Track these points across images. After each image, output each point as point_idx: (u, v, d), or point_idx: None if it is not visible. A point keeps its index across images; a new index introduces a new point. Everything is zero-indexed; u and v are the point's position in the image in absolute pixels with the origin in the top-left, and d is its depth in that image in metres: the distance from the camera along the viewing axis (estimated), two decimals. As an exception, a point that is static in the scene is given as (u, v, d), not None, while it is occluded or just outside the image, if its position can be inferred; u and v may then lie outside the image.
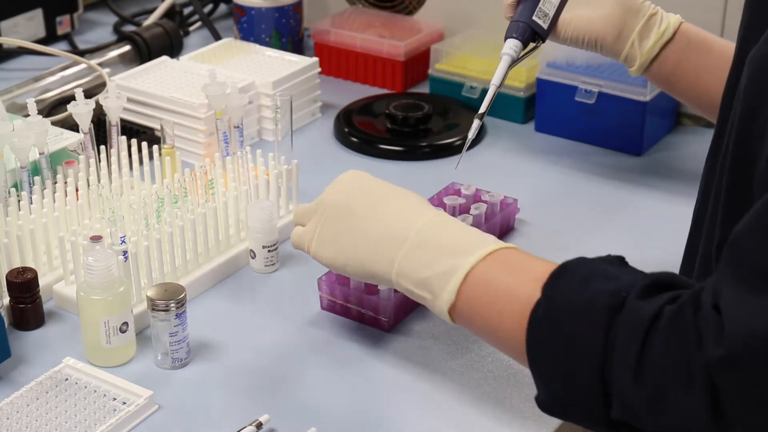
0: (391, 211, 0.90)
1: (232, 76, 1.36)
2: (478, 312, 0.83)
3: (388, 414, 0.93)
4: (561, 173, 1.34)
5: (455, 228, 0.88)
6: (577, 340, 0.75)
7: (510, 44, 1.09)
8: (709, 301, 0.70)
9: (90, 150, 1.18)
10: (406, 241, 0.88)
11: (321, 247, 0.94)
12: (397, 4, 1.67)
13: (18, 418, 0.91)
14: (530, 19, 1.09)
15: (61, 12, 1.71)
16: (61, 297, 1.06)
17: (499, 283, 0.82)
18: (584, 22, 1.11)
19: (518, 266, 0.83)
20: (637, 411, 0.72)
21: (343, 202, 0.93)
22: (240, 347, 1.02)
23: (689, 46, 1.10)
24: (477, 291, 0.83)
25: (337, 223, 0.93)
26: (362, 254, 0.90)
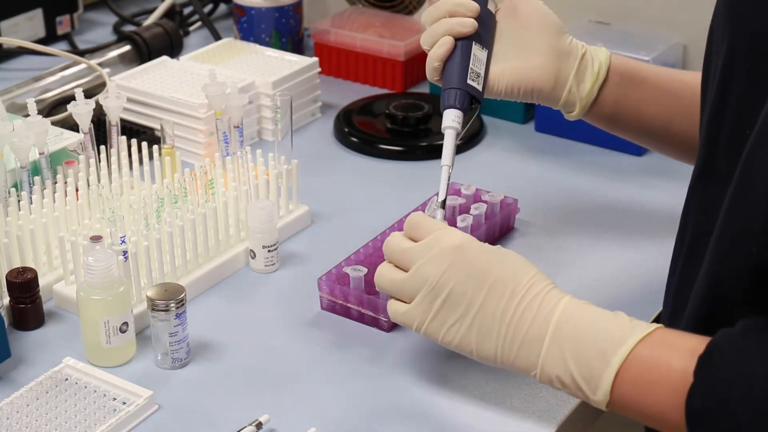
0: (515, 302, 0.85)
1: (232, 76, 1.36)
2: (633, 404, 0.82)
3: (388, 414, 0.93)
4: (561, 173, 1.34)
5: (590, 318, 0.84)
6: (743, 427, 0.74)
7: (451, 115, 1.00)
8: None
9: (90, 150, 1.18)
10: (545, 342, 0.84)
11: (438, 332, 0.88)
12: (397, 4, 1.67)
13: (18, 418, 0.91)
14: (465, 84, 1.00)
15: (61, 12, 1.71)
16: (61, 297, 1.06)
17: (650, 374, 0.80)
18: (517, 73, 1.03)
19: (663, 355, 0.81)
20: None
21: (462, 291, 0.86)
22: (240, 347, 1.02)
23: (623, 82, 1.06)
24: (628, 388, 0.81)
25: (457, 314, 0.87)
26: (494, 349, 0.86)
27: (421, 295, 0.87)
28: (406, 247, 0.89)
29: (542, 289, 0.86)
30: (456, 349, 0.88)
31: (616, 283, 1.12)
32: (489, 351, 0.86)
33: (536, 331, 0.84)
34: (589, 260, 1.16)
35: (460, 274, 0.87)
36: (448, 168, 0.98)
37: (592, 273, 1.13)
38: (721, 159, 0.85)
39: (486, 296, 0.86)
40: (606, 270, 1.14)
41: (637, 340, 0.81)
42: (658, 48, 1.40)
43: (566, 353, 0.83)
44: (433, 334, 0.88)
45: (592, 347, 0.82)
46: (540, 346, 0.84)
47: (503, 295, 0.86)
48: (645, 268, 1.14)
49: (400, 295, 0.90)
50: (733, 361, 0.76)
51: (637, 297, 1.09)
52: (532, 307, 0.85)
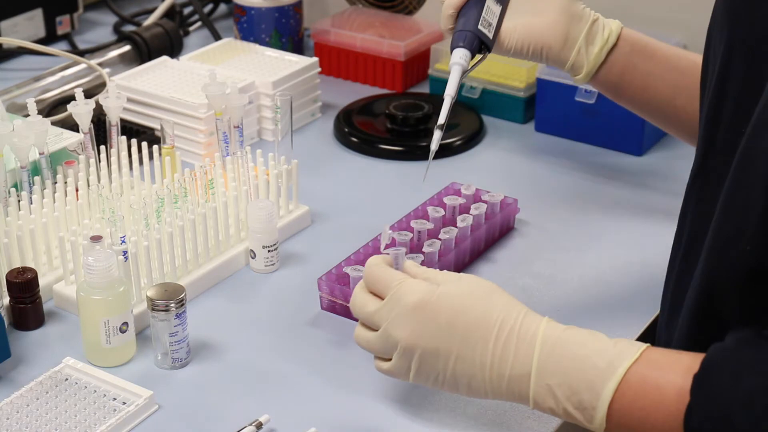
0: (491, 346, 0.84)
1: (232, 76, 1.36)
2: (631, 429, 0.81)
3: (387, 414, 0.93)
4: (561, 173, 1.34)
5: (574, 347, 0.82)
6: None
7: (459, 54, 1.04)
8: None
9: (90, 150, 1.18)
10: (531, 377, 0.82)
11: (426, 382, 0.87)
12: (397, 4, 1.67)
13: (18, 418, 0.91)
14: (476, 28, 1.04)
15: (61, 12, 1.71)
16: (61, 297, 1.06)
17: (645, 401, 0.79)
18: (528, 30, 1.07)
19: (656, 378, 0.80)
20: None
21: (427, 346, 0.85)
22: (240, 347, 1.02)
23: (633, 52, 1.08)
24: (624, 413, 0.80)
25: (431, 366, 0.85)
26: (487, 392, 0.85)
27: (396, 355, 0.86)
28: (370, 311, 0.87)
29: (515, 322, 0.84)
30: (450, 391, 0.87)
31: (616, 283, 1.12)
32: (479, 393, 0.85)
33: (520, 370, 0.83)
34: (589, 260, 1.16)
35: (427, 332, 0.85)
36: (450, 98, 1.02)
37: (591, 273, 1.13)
38: (717, 159, 0.85)
39: (460, 347, 0.84)
40: (606, 270, 1.14)
41: (626, 367, 0.80)
42: (658, 48, 1.40)
43: (555, 389, 0.82)
44: (423, 383, 0.87)
45: (580, 380, 0.81)
46: (528, 383, 0.83)
47: (477, 342, 0.84)
48: (644, 267, 1.14)
49: (379, 354, 0.89)
50: (729, 377, 0.76)
51: (637, 297, 1.09)
52: (509, 345, 0.83)
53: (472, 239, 1.14)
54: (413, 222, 1.13)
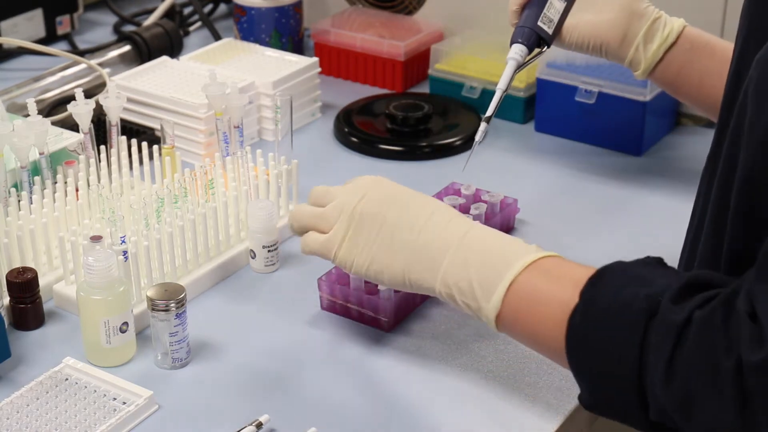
0: (432, 221, 0.90)
1: (232, 76, 1.36)
2: (521, 319, 0.84)
3: (387, 414, 0.93)
4: (561, 173, 1.34)
5: (498, 238, 0.89)
6: (614, 346, 0.76)
7: (516, 49, 1.11)
8: (743, 308, 0.70)
9: (90, 150, 1.18)
10: (450, 251, 0.88)
11: (352, 255, 0.93)
12: (397, 4, 1.67)
13: (18, 418, 0.91)
14: (535, 24, 1.11)
15: (61, 12, 1.71)
16: (61, 297, 1.06)
17: (541, 290, 0.83)
18: (589, 27, 1.12)
19: (559, 273, 0.84)
20: (670, 415, 0.74)
21: (376, 211, 0.92)
22: (240, 347, 1.02)
23: (693, 50, 1.11)
24: (520, 299, 0.84)
25: (371, 233, 0.92)
26: (402, 264, 0.90)
27: (339, 222, 0.93)
28: (330, 188, 0.96)
29: (453, 213, 0.91)
30: (368, 273, 0.92)
31: (616, 283, 1.12)
32: (398, 267, 0.90)
33: (443, 243, 0.88)
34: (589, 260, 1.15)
35: (375, 198, 0.93)
36: (501, 91, 1.10)
37: (592, 273, 1.13)
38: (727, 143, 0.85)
39: (398, 213, 0.91)
40: (606, 270, 1.14)
41: (541, 255, 0.85)
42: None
43: (469, 261, 0.87)
44: (346, 258, 0.93)
45: (495, 258, 0.86)
46: (445, 255, 0.88)
47: (413, 211, 0.91)
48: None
49: (318, 226, 0.95)
50: (618, 282, 0.78)
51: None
52: (441, 223, 0.90)
53: (472, 239, 1.14)
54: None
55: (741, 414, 0.69)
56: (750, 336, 0.69)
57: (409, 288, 0.91)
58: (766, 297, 0.70)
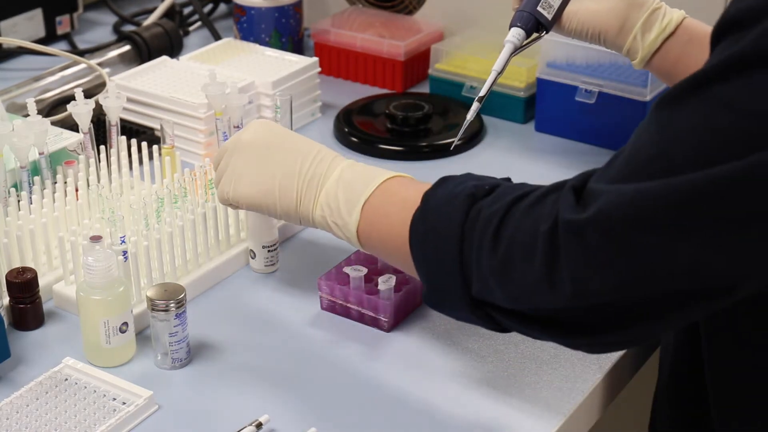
0: (314, 154, 0.97)
1: (232, 76, 1.36)
2: (377, 231, 0.92)
3: (387, 414, 0.93)
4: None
5: (366, 167, 0.97)
6: (440, 227, 0.84)
7: (513, 32, 1.12)
8: (571, 184, 0.79)
9: (90, 150, 1.18)
10: (328, 179, 0.96)
11: (242, 188, 0.99)
12: (397, 4, 1.67)
13: (18, 418, 0.91)
14: (535, 9, 1.12)
15: (61, 12, 1.71)
16: (61, 297, 1.06)
17: (394, 200, 0.92)
18: (588, 14, 1.13)
19: (410, 185, 0.92)
20: (489, 282, 0.80)
21: (260, 140, 0.99)
22: (240, 347, 1.02)
23: (691, 41, 1.11)
24: (376, 210, 0.92)
25: (256, 163, 0.98)
26: (287, 195, 0.97)
27: (232, 154, 1.00)
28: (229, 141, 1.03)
29: (334, 153, 0.99)
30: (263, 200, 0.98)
31: (616, 283, 1.12)
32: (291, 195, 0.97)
33: (326, 172, 0.96)
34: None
35: (265, 133, 1.00)
36: (496, 72, 1.12)
37: (592, 273, 1.13)
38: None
39: (289, 146, 0.98)
40: (606, 270, 1.14)
41: (398, 174, 0.94)
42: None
43: (340, 185, 0.95)
44: (241, 188, 0.99)
45: (360, 178, 0.95)
46: (326, 182, 0.96)
47: (303, 146, 0.98)
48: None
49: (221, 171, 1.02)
50: (455, 182, 0.87)
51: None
52: (326, 158, 0.98)
53: (472, 239, 1.14)
54: (413, 222, 1.13)
55: (547, 271, 0.76)
56: (571, 203, 0.76)
57: (285, 216, 0.98)
58: (598, 174, 0.78)
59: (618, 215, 0.73)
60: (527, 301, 0.79)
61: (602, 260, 0.74)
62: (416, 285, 1.05)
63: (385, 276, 1.03)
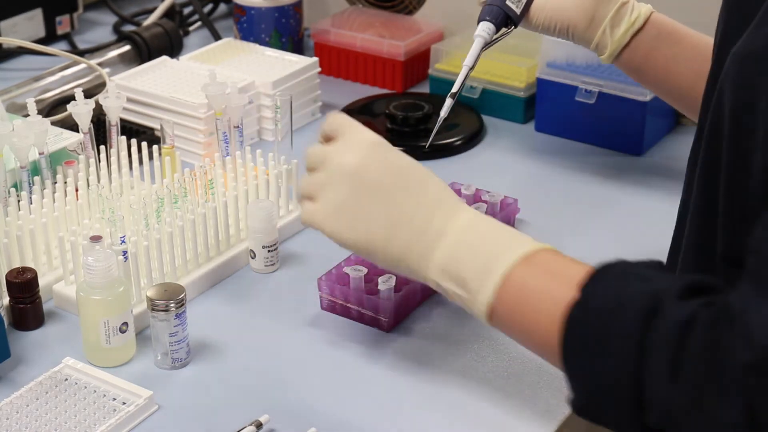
0: (429, 199, 0.85)
1: (232, 76, 1.36)
2: (514, 313, 0.81)
3: (387, 414, 0.93)
4: (561, 173, 1.34)
5: (495, 227, 0.84)
6: (612, 342, 0.73)
7: (483, 27, 1.11)
8: (738, 306, 0.69)
9: (90, 150, 1.18)
10: (446, 235, 0.83)
11: (341, 226, 0.86)
12: (397, 4, 1.67)
13: (18, 418, 0.91)
14: (504, 3, 1.11)
15: (61, 12, 1.71)
16: (61, 297, 1.06)
17: (537, 284, 0.80)
18: (556, 8, 1.12)
19: (556, 268, 0.81)
20: (673, 415, 0.71)
21: (370, 177, 0.85)
22: (240, 347, 1.02)
23: (660, 36, 1.11)
24: (514, 292, 0.80)
25: (362, 201, 0.85)
26: (394, 244, 0.84)
27: (333, 185, 0.85)
28: (325, 149, 0.88)
29: (455, 197, 0.86)
30: (363, 248, 0.85)
31: (616, 283, 1.12)
32: (398, 247, 0.84)
33: (443, 228, 0.83)
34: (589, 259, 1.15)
35: (377, 165, 0.85)
36: (467, 67, 1.10)
37: (592, 273, 1.13)
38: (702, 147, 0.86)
39: (404, 190, 0.85)
40: (606, 270, 1.14)
41: (538, 248, 0.81)
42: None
43: (464, 250, 0.82)
44: (340, 231, 0.86)
45: (491, 247, 0.81)
46: (443, 241, 0.83)
47: (419, 191, 0.85)
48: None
49: (316, 193, 0.87)
50: (619, 279, 0.75)
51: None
52: (445, 208, 0.84)
53: (472, 239, 1.13)
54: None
55: (747, 413, 0.67)
56: (743, 338, 0.68)
57: (396, 269, 0.87)
58: (756, 302, 0.69)
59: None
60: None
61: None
62: (416, 285, 1.05)
63: (385, 276, 1.03)
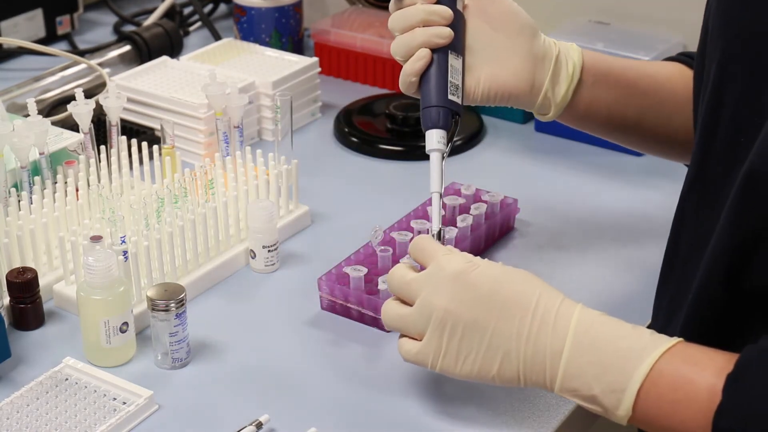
0: (529, 317, 0.83)
1: (232, 76, 1.36)
2: (656, 422, 0.79)
3: (387, 414, 0.93)
4: (561, 173, 1.34)
5: (609, 330, 0.82)
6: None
7: (435, 137, 0.96)
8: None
9: (90, 150, 1.18)
10: (561, 355, 0.81)
11: (449, 364, 0.85)
12: (397, 4, 1.67)
13: (18, 418, 0.91)
14: (446, 100, 0.96)
15: (61, 12, 1.71)
16: (61, 297, 1.06)
17: (675, 394, 0.78)
18: (492, 81, 0.99)
19: (689, 373, 0.78)
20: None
21: (463, 317, 0.84)
22: (240, 347, 1.02)
23: (597, 84, 1.04)
24: (652, 403, 0.79)
25: (467, 340, 0.84)
26: (507, 370, 0.84)
27: (431, 329, 0.84)
28: (409, 279, 0.86)
29: (553, 302, 0.83)
30: (476, 379, 0.85)
31: (616, 282, 1.12)
32: (511, 373, 0.84)
33: (556, 346, 0.82)
34: (588, 260, 1.16)
35: (467, 301, 0.84)
36: (439, 195, 0.93)
37: (591, 273, 1.13)
38: (715, 169, 0.85)
39: (498, 319, 0.83)
40: (606, 270, 1.14)
41: (659, 353, 0.79)
42: (658, 48, 1.40)
43: (585, 367, 0.80)
44: (450, 368, 0.85)
45: (613, 360, 0.80)
46: (559, 360, 0.81)
47: (515, 314, 0.83)
48: (645, 267, 1.14)
49: (409, 332, 0.86)
50: (764, 379, 0.74)
51: (637, 296, 1.09)
52: (547, 320, 0.82)
53: (472, 239, 1.14)
54: (413, 222, 1.13)
55: None
56: None
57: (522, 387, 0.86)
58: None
59: None
60: None
61: None
62: (416, 285, 1.05)
63: (385, 276, 1.03)
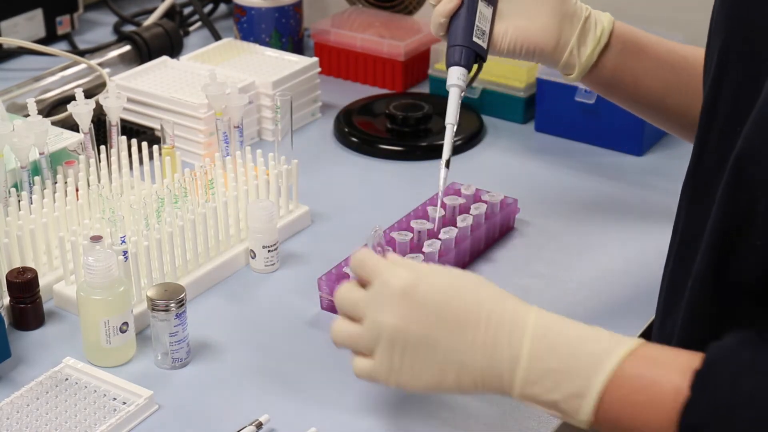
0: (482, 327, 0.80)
1: (232, 76, 1.36)
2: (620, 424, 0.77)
3: (387, 414, 0.93)
4: (561, 173, 1.34)
5: (567, 333, 0.79)
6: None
7: (456, 73, 1.02)
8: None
9: (90, 150, 1.18)
10: (519, 363, 0.78)
11: (404, 379, 0.82)
12: (397, 4, 1.67)
13: (18, 418, 0.91)
14: (471, 41, 1.01)
15: (61, 12, 1.71)
16: (61, 297, 1.07)
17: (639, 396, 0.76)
18: (520, 33, 1.04)
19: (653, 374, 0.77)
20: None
21: (414, 333, 0.80)
22: (240, 347, 1.02)
23: (625, 51, 1.06)
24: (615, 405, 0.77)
25: (420, 356, 0.81)
26: (469, 383, 0.81)
27: (381, 348, 0.82)
28: (356, 298, 0.84)
29: (505, 308, 0.80)
30: (435, 392, 0.83)
31: (616, 282, 1.12)
32: (469, 384, 0.81)
33: (513, 353, 0.78)
34: (588, 260, 1.16)
35: (415, 318, 0.81)
36: (452, 126, 1.01)
37: (591, 272, 1.14)
38: (711, 159, 0.85)
39: (450, 332, 0.80)
40: (605, 269, 1.14)
41: (621, 356, 0.77)
42: (658, 48, 1.40)
43: (544, 374, 0.78)
44: (405, 384, 0.82)
45: (573, 365, 0.77)
46: (517, 367, 0.78)
47: (467, 327, 0.80)
48: (644, 267, 1.14)
49: (360, 350, 0.84)
50: (730, 376, 0.73)
51: (637, 296, 1.09)
52: (502, 330, 0.79)
53: (472, 239, 1.14)
54: (413, 222, 1.13)
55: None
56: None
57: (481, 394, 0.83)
58: None
59: None
60: None
61: None
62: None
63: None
